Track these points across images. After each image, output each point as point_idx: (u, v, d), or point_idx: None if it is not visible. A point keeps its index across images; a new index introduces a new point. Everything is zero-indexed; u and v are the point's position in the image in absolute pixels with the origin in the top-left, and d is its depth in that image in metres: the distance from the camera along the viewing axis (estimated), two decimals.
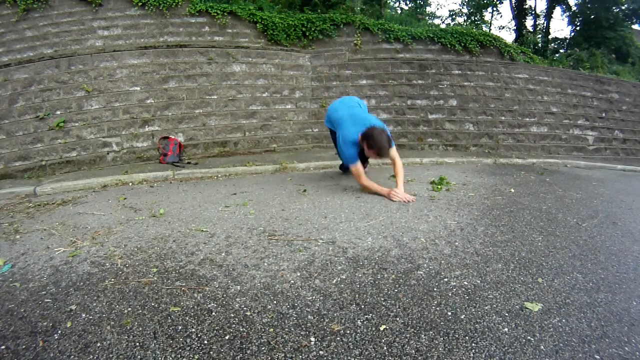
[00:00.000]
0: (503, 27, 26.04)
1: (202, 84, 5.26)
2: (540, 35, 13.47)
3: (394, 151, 2.94)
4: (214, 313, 1.28)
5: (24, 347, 1.12)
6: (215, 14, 5.73)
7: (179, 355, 1.07)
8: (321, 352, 1.09)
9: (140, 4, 5.56)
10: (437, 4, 25.82)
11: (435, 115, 5.98)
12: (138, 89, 4.97)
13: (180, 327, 1.21)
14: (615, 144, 6.53)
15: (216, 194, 3.13)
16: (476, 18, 17.09)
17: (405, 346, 1.12)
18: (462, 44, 6.29)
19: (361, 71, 6.01)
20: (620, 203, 3.00)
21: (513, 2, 13.86)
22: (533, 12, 14.10)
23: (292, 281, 1.53)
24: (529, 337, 1.17)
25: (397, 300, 1.37)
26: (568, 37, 13.05)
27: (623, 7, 10.89)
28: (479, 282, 1.53)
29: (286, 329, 1.18)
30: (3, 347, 1.12)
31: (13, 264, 1.76)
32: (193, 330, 1.19)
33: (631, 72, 8.46)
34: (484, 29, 15.70)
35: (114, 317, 1.27)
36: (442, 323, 1.24)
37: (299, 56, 5.92)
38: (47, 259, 1.80)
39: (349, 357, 1.07)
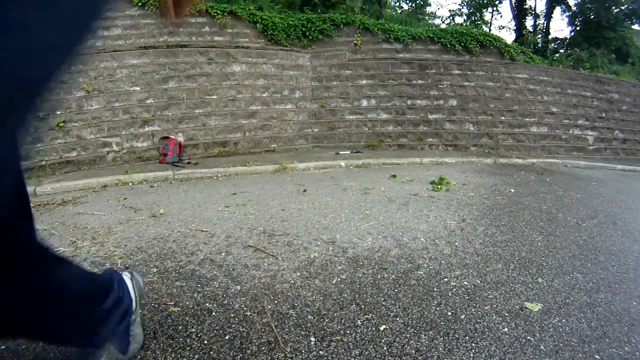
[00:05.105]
0: (503, 27, 26.08)
1: (202, 84, 5.26)
2: (540, 35, 13.48)
3: None
4: (214, 313, 1.28)
5: (24, 347, 1.12)
6: (215, 14, 5.72)
7: (179, 355, 1.07)
8: (321, 352, 1.09)
9: (140, 4, 5.56)
10: (437, 4, 25.84)
11: (435, 115, 5.98)
12: (138, 89, 4.97)
13: (180, 327, 1.21)
14: (615, 144, 6.53)
15: (216, 194, 3.13)
16: (476, 18, 17.11)
17: (405, 346, 1.12)
18: (462, 44, 6.29)
19: (361, 71, 6.01)
20: (620, 203, 3.00)
21: (513, 2, 13.87)
22: (533, 12, 14.12)
23: (292, 281, 1.53)
24: (529, 337, 1.17)
25: (397, 300, 1.37)
26: (568, 37, 13.06)
27: (623, 7, 10.90)
28: (479, 282, 1.53)
29: (286, 329, 1.18)
30: (3, 347, 1.12)
31: None
32: (193, 330, 1.19)
33: (631, 72, 8.46)
34: (484, 29, 15.70)
35: None
36: (442, 323, 1.24)
37: (299, 56, 5.92)
38: None
39: (349, 357, 1.07)
